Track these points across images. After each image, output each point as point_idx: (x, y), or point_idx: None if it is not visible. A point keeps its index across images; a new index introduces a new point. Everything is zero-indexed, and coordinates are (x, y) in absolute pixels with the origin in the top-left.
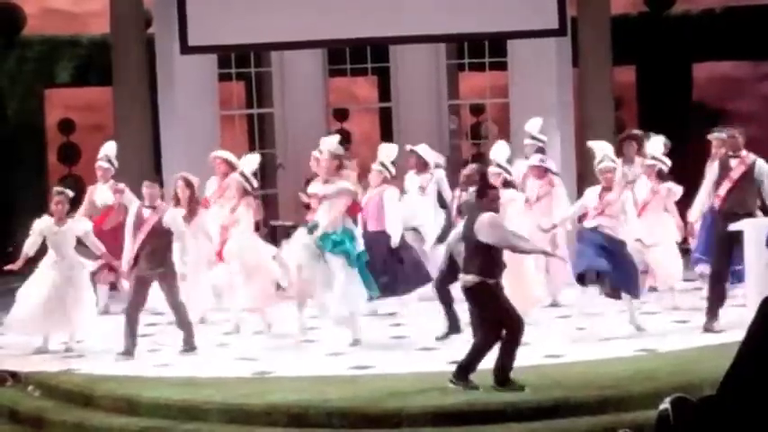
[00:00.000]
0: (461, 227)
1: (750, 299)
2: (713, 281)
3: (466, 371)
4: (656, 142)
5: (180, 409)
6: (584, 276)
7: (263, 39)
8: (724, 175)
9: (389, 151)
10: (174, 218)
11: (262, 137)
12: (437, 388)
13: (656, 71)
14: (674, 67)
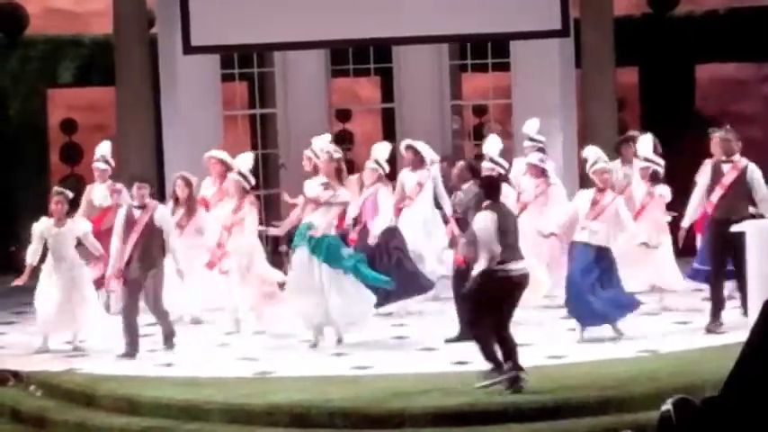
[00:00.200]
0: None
1: (752, 300)
2: (712, 285)
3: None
4: (646, 142)
5: (181, 408)
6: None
7: (265, 39)
8: (716, 180)
9: (383, 149)
10: (164, 215)
11: (264, 137)
12: (439, 388)
13: (659, 72)
14: (677, 69)
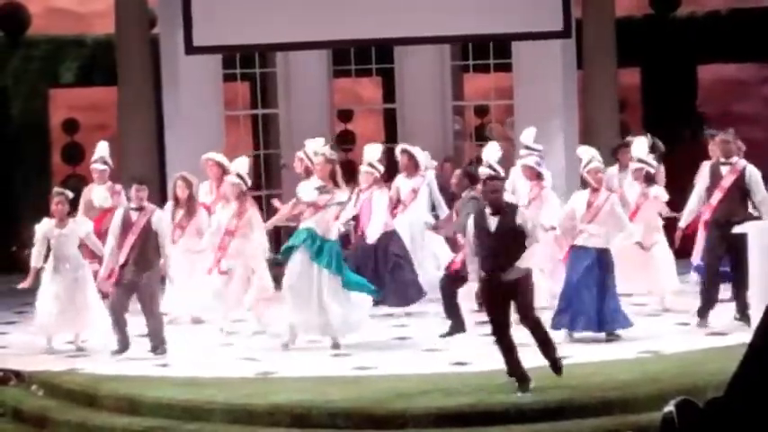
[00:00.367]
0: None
1: (754, 302)
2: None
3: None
4: (641, 144)
5: (183, 408)
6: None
7: (267, 39)
8: (715, 182)
9: (375, 151)
10: (161, 219)
11: (266, 137)
12: (441, 389)
13: (661, 73)
14: (679, 70)
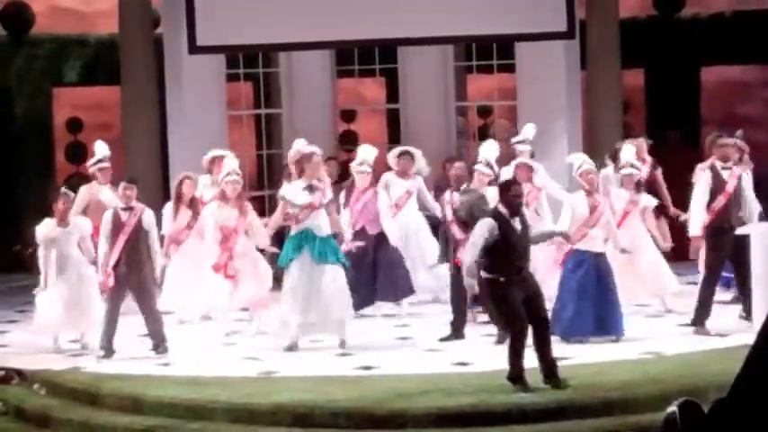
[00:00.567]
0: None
1: (756, 303)
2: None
3: (514, 373)
4: (629, 150)
5: (185, 408)
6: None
7: (271, 39)
8: (719, 187)
9: (371, 152)
10: (152, 218)
11: (269, 137)
12: (442, 389)
13: (665, 74)
14: (683, 71)
